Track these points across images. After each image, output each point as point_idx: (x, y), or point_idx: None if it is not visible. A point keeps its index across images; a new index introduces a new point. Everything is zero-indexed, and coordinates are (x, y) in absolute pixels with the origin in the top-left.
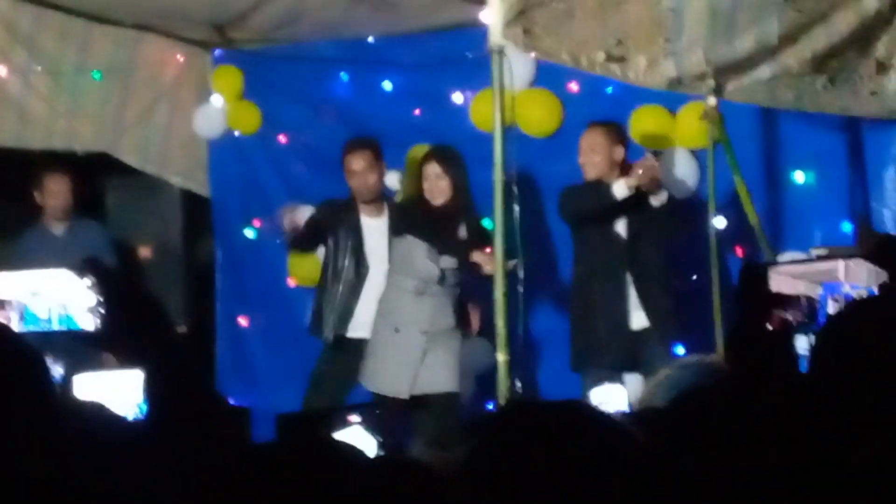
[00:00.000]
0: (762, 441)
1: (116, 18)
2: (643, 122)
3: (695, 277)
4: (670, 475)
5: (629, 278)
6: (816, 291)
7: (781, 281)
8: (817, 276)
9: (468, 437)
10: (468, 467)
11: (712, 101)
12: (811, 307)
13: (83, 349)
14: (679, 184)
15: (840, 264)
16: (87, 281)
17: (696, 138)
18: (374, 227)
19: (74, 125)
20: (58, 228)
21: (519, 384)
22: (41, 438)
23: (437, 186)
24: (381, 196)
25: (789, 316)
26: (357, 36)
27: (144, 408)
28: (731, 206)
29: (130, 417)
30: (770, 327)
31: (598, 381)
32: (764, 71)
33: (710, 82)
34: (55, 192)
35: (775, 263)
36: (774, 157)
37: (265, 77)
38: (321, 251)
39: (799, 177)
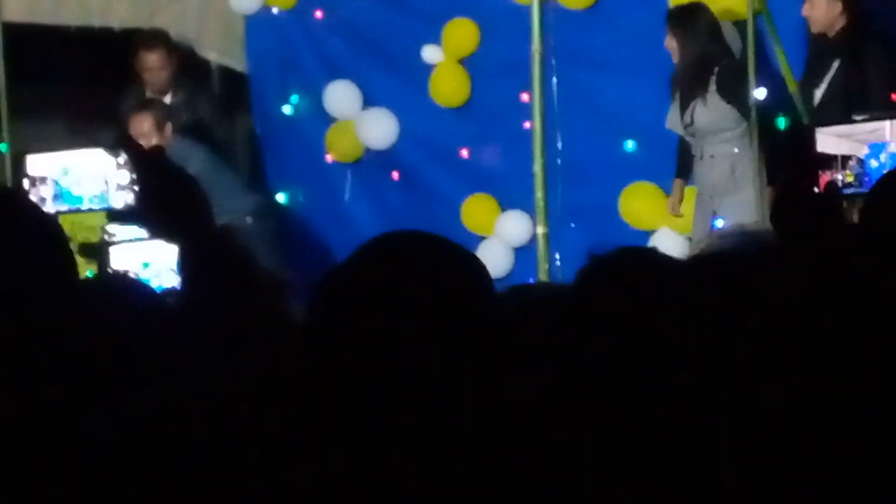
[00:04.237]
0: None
1: None
2: None
3: None
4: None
5: None
6: (862, 151)
7: (827, 141)
8: (863, 136)
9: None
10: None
11: None
12: (858, 167)
13: (118, 225)
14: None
15: (886, 123)
16: (121, 159)
17: (737, 8)
18: None
19: (111, 1)
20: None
21: (558, 256)
22: (59, 312)
23: None
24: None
25: (836, 176)
26: None
27: (179, 279)
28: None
29: (165, 287)
30: (817, 190)
31: None
32: None
33: None
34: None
35: (821, 124)
36: None
37: None
38: None
39: None
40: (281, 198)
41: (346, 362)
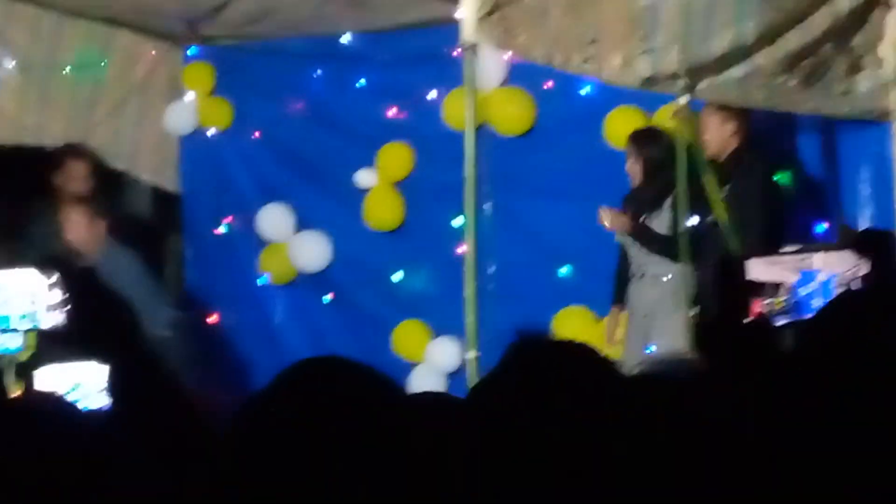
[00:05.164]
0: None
1: (88, 13)
2: (618, 123)
3: None
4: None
5: None
6: (792, 279)
7: (758, 269)
8: (794, 264)
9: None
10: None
11: (684, 99)
12: (789, 295)
13: (47, 346)
14: None
15: (817, 253)
16: (52, 278)
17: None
18: None
19: (44, 120)
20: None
21: None
22: None
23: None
24: None
25: (767, 303)
26: (330, 32)
27: (108, 400)
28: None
29: (93, 409)
30: (747, 319)
31: None
32: (737, 70)
33: (683, 81)
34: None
35: (753, 254)
36: None
37: (237, 73)
38: None
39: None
40: (212, 318)
41: (265, 485)
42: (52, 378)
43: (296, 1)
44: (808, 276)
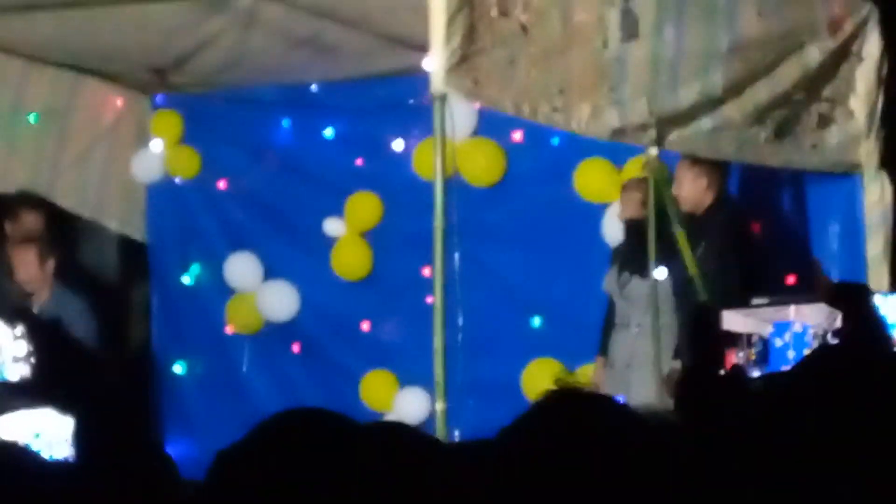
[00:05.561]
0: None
1: (55, 60)
2: (588, 175)
3: None
4: None
5: None
6: (767, 330)
7: (734, 320)
8: (768, 316)
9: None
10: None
11: (654, 151)
12: (763, 346)
13: (12, 397)
14: None
15: (791, 305)
16: (18, 330)
17: None
18: None
19: (9, 167)
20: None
21: (457, 433)
22: None
23: None
24: None
25: (740, 356)
26: (298, 81)
27: (73, 451)
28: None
29: (57, 458)
30: (721, 371)
31: None
32: (706, 122)
33: (652, 132)
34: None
35: (727, 306)
36: None
37: (205, 122)
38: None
39: None
40: (178, 368)
41: None
42: (13, 427)
43: (264, 50)
44: (782, 327)
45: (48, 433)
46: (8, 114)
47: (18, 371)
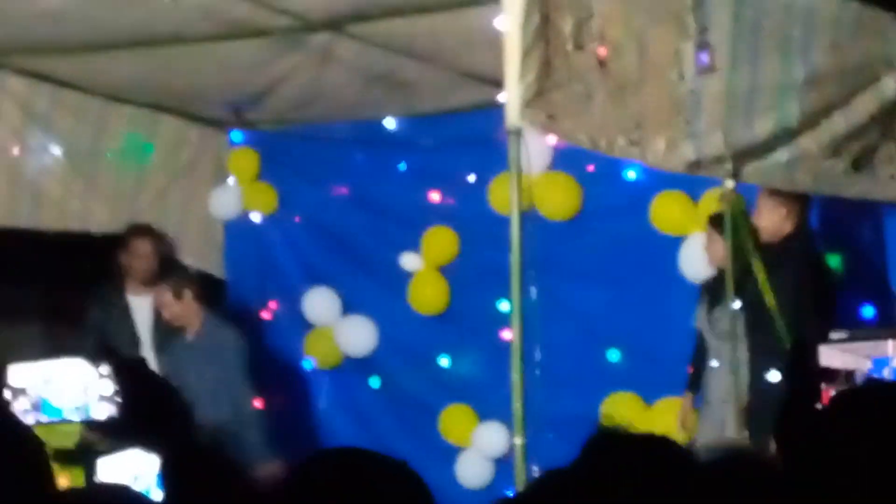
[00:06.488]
0: None
1: (133, 98)
2: (664, 208)
3: None
4: None
5: None
6: (866, 366)
7: (831, 355)
8: (866, 351)
9: None
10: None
11: (730, 184)
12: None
13: (101, 437)
14: None
15: (889, 340)
16: (104, 369)
17: None
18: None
19: (89, 206)
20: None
21: (536, 468)
22: None
23: None
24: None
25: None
26: (373, 117)
27: (161, 491)
28: None
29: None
30: (820, 406)
31: None
32: (782, 154)
33: (728, 165)
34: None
35: (825, 339)
36: None
37: (281, 158)
38: None
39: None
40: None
41: None
42: (115, 468)
43: (340, 86)
44: (880, 363)
45: (144, 475)
46: (88, 153)
47: (105, 410)
